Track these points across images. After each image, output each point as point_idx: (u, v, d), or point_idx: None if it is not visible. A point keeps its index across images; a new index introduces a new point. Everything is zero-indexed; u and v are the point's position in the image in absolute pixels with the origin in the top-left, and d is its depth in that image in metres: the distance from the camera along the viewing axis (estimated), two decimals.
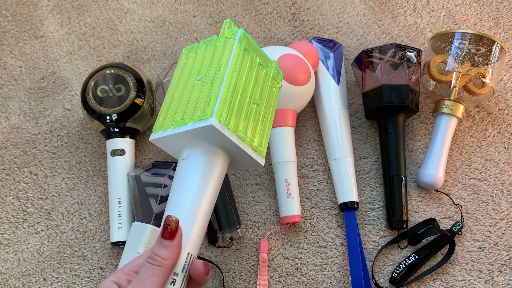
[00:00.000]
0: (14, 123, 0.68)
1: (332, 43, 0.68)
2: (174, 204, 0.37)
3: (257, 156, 0.40)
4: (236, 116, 0.38)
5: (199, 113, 0.37)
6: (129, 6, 0.74)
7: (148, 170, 0.59)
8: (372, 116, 0.64)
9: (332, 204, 0.62)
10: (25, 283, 0.60)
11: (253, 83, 0.40)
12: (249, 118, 0.39)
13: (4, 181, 0.65)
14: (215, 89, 0.37)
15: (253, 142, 0.40)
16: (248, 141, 0.39)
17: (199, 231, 0.37)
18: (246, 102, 0.39)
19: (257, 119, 0.40)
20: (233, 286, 0.59)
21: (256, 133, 0.40)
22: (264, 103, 0.41)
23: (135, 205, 0.59)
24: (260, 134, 0.40)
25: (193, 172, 0.38)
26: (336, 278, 0.58)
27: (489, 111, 0.66)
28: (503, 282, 0.57)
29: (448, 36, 0.62)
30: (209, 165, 0.38)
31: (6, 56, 0.72)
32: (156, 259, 0.34)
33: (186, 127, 0.37)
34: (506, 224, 0.60)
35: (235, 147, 0.38)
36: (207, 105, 0.37)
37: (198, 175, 0.38)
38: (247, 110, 0.39)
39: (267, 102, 0.42)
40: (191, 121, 0.37)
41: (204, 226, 0.37)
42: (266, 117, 0.41)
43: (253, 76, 0.41)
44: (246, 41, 0.41)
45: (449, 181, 0.62)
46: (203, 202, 0.37)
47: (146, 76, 0.65)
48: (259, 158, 0.40)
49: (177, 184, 0.38)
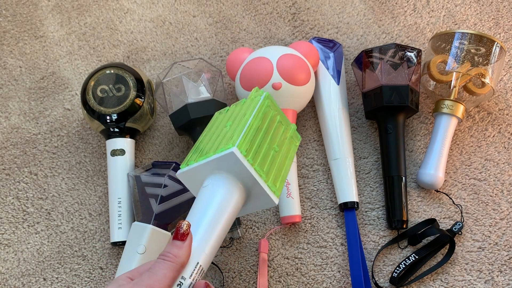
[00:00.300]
0: (14, 123, 0.68)
1: (332, 43, 0.68)
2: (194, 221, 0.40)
3: (272, 193, 0.42)
4: (255, 152, 0.41)
5: (222, 146, 0.41)
6: (129, 6, 0.74)
7: (148, 170, 0.59)
8: (372, 116, 0.64)
9: (332, 204, 0.62)
10: (25, 283, 0.60)
11: (273, 132, 0.45)
12: (267, 159, 0.43)
13: (4, 181, 0.65)
14: (238, 129, 0.42)
15: (269, 180, 0.42)
16: (264, 178, 0.42)
17: (212, 246, 0.39)
18: (266, 145, 0.43)
19: (275, 162, 0.44)
20: (233, 286, 0.59)
21: (272, 173, 0.43)
22: (282, 151, 0.45)
23: (135, 205, 0.59)
24: (276, 176, 0.43)
25: (212, 197, 0.41)
26: (336, 278, 0.58)
27: (489, 111, 0.66)
28: (503, 282, 0.57)
29: (448, 36, 0.62)
30: (227, 194, 0.41)
31: (6, 56, 0.72)
32: (168, 255, 0.36)
33: (209, 158, 0.41)
34: (506, 224, 0.60)
35: (252, 180, 0.41)
36: (230, 139, 0.41)
37: (216, 200, 0.40)
38: (266, 152, 0.43)
39: (285, 152, 0.46)
40: (215, 153, 0.40)
41: (216, 247, 0.40)
42: (283, 164, 0.45)
43: (273, 127, 0.45)
44: (269, 100, 0.46)
45: (449, 181, 0.62)
46: (218, 225, 0.40)
47: (146, 76, 0.65)
48: (273, 196, 0.42)
49: (197, 206, 0.41)
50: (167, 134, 0.67)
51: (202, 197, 0.41)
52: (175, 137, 0.66)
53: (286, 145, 0.46)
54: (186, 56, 0.71)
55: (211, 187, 0.41)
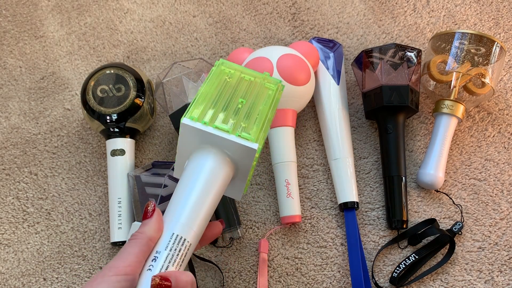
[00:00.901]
0: (14, 123, 0.68)
1: (332, 43, 0.68)
2: (181, 193, 0.40)
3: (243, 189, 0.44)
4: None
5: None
6: (129, 6, 0.74)
7: (148, 170, 0.59)
8: (372, 116, 0.64)
9: (332, 204, 0.62)
10: (25, 283, 0.60)
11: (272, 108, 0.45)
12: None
13: (4, 181, 0.65)
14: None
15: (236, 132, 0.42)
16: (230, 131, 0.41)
17: (193, 216, 0.39)
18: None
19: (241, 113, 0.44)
20: (233, 286, 0.59)
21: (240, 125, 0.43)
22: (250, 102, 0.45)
23: (135, 205, 0.59)
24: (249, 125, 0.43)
25: (204, 167, 0.40)
26: (336, 278, 0.58)
27: (489, 111, 0.66)
28: (503, 282, 0.57)
29: (448, 36, 0.62)
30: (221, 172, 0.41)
31: (6, 56, 0.72)
32: (134, 234, 0.37)
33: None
34: (506, 224, 0.60)
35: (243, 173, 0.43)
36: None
37: (207, 171, 0.40)
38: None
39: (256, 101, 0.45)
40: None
41: (202, 219, 0.39)
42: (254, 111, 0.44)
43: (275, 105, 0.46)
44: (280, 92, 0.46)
45: (449, 181, 0.62)
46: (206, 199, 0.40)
47: (146, 76, 0.65)
48: (248, 142, 0.41)
49: (182, 178, 0.41)
50: (167, 134, 0.67)
51: (187, 170, 0.41)
52: (175, 137, 0.66)
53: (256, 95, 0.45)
54: (186, 56, 0.71)
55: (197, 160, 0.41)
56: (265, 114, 0.43)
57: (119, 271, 0.33)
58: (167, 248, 0.36)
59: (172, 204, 0.39)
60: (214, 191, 0.40)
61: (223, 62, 0.46)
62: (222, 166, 0.41)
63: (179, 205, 0.39)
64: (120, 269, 0.34)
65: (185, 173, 0.41)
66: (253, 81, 0.46)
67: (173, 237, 0.37)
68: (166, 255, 0.36)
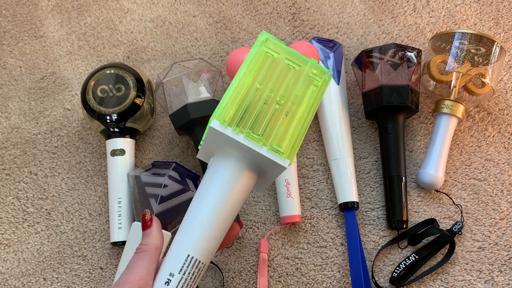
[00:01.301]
0: (14, 123, 0.68)
1: (332, 43, 0.68)
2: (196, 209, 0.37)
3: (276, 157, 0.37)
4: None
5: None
6: (129, 6, 0.74)
7: (148, 170, 0.59)
8: (372, 116, 0.64)
9: (332, 204, 0.62)
10: (25, 283, 0.60)
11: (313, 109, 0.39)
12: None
13: (4, 181, 0.65)
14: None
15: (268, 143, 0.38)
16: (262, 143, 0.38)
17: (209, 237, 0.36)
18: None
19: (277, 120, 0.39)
20: (233, 286, 0.59)
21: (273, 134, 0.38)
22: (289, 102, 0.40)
23: (135, 205, 0.59)
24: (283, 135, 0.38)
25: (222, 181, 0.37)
26: (336, 278, 0.58)
27: (489, 111, 0.66)
28: (503, 282, 0.57)
29: (448, 36, 0.62)
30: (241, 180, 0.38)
31: (6, 56, 0.72)
32: (139, 247, 0.37)
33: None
34: (506, 224, 0.60)
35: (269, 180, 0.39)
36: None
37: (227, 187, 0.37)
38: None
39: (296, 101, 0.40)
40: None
41: (219, 236, 0.37)
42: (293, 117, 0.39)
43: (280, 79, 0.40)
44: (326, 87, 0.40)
45: (449, 181, 0.62)
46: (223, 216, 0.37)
47: (146, 76, 0.65)
48: (280, 158, 0.37)
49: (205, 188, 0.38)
50: (167, 134, 0.67)
51: (206, 179, 0.38)
52: (175, 137, 0.66)
53: (298, 91, 0.39)
54: (186, 56, 0.71)
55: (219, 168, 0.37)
56: (304, 120, 0.38)
57: (133, 285, 0.34)
58: (181, 271, 0.35)
59: (187, 220, 0.37)
60: (232, 205, 0.37)
61: (267, 39, 0.39)
62: (244, 175, 0.37)
63: (194, 224, 0.36)
64: (133, 283, 0.34)
65: (203, 184, 0.38)
66: (298, 70, 0.39)
67: (188, 259, 0.35)
68: (179, 279, 0.35)
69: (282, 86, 0.38)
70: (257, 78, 0.38)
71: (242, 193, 0.38)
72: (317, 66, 0.40)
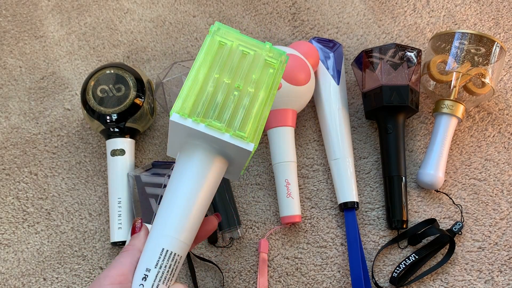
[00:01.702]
0: (14, 123, 0.68)
1: (332, 43, 0.68)
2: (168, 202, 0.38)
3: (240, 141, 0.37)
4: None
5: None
6: (129, 6, 0.74)
7: (148, 170, 0.59)
8: (372, 116, 0.64)
9: (332, 204, 0.62)
10: (25, 283, 0.60)
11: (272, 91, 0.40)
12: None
13: (4, 181, 0.65)
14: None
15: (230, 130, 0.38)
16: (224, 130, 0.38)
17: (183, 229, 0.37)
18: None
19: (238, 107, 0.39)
20: (233, 286, 0.59)
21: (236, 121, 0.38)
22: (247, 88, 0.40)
23: (135, 205, 0.59)
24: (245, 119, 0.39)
25: (192, 173, 0.38)
26: (336, 278, 0.58)
27: (489, 111, 0.66)
28: (503, 282, 0.57)
29: (448, 36, 0.62)
30: (210, 169, 0.38)
31: (6, 56, 0.72)
32: (124, 247, 0.39)
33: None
34: (506, 224, 0.60)
35: (239, 166, 0.39)
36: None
37: (196, 177, 0.38)
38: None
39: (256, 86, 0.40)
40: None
41: (193, 228, 0.38)
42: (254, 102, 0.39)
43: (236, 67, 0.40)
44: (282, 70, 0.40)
45: (449, 181, 0.62)
46: (195, 206, 0.37)
47: (146, 76, 0.65)
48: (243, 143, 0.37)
49: (175, 181, 0.38)
50: (167, 134, 0.67)
51: (175, 173, 0.38)
52: None
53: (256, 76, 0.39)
54: (186, 56, 0.71)
55: (186, 160, 0.38)
56: (264, 103, 0.38)
57: (114, 280, 0.36)
58: (156, 265, 0.36)
59: (159, 215, 0.37)
60: (203, 195, 0.38)
61: (219, 29, 0.40)
62: (213, 165, 0.38)
63: (167, 217, 0.37)
64: (114, 278, 0.36)
65: (172, 177, 0.38)
66: (253, 56, 0.40)
67: (162, 253, 0.36)
68: (156, 273, 0.36)
69: (239, 72, 0.39)
70: (214, 67, 0.38)
71: (212, 182, 0.38)
72: (272, 49, 0.40)
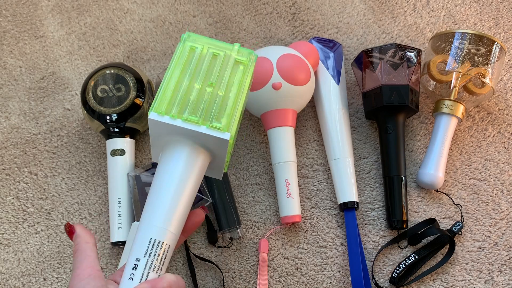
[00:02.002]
0: (14, 123, 0.68)
1: (332, 43, 0.68)
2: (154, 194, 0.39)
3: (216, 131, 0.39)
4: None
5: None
6: (129, 6, 0.74)
7: (148, 170, 0.59)
8: (372, 116, 0.64)
9: (332, 204, 0.62)
10: (25, 283, 0.60)
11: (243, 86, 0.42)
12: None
13: (4, 181, 0.65)
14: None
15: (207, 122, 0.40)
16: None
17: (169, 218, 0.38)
18: (240, 112, 0.41)
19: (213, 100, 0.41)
20: (233, 286, 0.59)
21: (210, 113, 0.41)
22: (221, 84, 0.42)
23: (135, 205, 0.59)
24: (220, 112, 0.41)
25: (176, 165, 0.39)
26: (336, 278, 0.58)
27: (489, 111, 0.66)
28: (503, 282, 0.57)
29: (448, 36, 0.62)
30: (196, 162, 0.40)
31: (6, 56, 0.72)
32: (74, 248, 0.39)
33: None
34: (506, 224, 0.60)
35: (220, 159, 0.41)
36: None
37: (181, 169, 0.39)
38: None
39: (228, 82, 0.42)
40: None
41: (180, 216, 0.39)
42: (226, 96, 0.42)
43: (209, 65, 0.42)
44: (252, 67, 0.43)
45: (449, 181, 0.62)
46: (180, 197, 0.39)
47: (146, 76, 0.65)
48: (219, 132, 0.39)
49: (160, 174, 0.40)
50: None
51: (159, 167, 0.40)
52: None
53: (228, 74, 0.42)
54: None
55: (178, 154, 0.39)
56: (236, 96, 0.40)
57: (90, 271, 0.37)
58: (145, 255, 0.37)
59: (146, 207, 0.39)
60: (188, 186, 0.39)
61: (189, 36, 0.42)
62: (195, 158, 0.40)
63: (153, 208, 0.38)
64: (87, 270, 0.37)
65: (157, 172, 0.40)
66: (223, 56, 0.42)
67: (150, 242, 0.37)
68: (145, 262, 0.36)
69: (211, 71, 0.41)
70: (186, 69, 0.41)
71: (195, 173, 0.40)
72: (240, 49, 0.43)
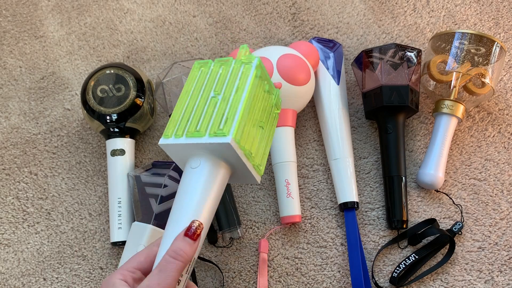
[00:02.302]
0: (14, 123, 0.68)
1: (332, 43, 0.68)
2: (179, 209, 0.39)
3: (256, 174, 0.42)
4: (246, 137, 0.40)
5: (216, 129, 0.39)
6: (129, 6, 0.74)
7: (148, 170, 0.59)
8: (372, 116, 0.64)
9: (332, 204, 0.62)
10: (25, 283, 0.60)
11: (262, 108, 0.43)
12: (255, 139, 0.42)
13: (4, 181, 0.65)
14: (232, 110, 0.40)
15: (256, 160, 0.42)
16: (252, 160, 0.41)
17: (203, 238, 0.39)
18: (255, 125, 0.42)
19: (261, 140, 0.43)
20: (233, 286, 0.59)
21: (258, 152, 0.42)
22: (267, 126, 0.44)
23: (135, 205, 0.59)
24: (261, 153, 0.43)
25: (199, 180, 0.40)
26: (336, 278, 0.58)
27: (489, 111, 0.66)
28: (503, 282, 0.57)
29: (448, 36, 0.62)
30: (214, 176, 0.40)
31: (6, 56, 0.72)
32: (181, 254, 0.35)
33: (201, 139, 0.39)
34: (506, 224, 0.60)
35: (240, 163, 0.40)
36: (225, 123, 0.39)
37: (203, 184, 0.39)
38: (255, 132, 0.42)
39: (269, 126, 0.44)
40: (207, 135, 0.39)
41: (205, 233, 0.39)
42: (267, 138, 0.44)
43: (262, 102, 0.43)
44: (261, 69, 0.43)
45: (449, 181, 0.62)
46: (205, 210, 0.39)
47: (146, 76, 0.65)
48: (257, 176, 0.42)
49: (183, 191, 0.40)
50: None
51: (191, 180, 0.40)
52: None
53: (270, 117, 0.44)
54: (186, 56, 0.71)
55: (201, 169, 0.40)
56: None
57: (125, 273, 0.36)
58: (187, 271, 0.38)
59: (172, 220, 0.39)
60: (209, 201, 0.39)
61: (260, 65, 0.43)
62: (213, 172, 0.40)
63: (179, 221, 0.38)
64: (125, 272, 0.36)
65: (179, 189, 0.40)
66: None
67: (193, 260, 0.38)
68: (185, 278, 0.38)
69: (265, 110, 0.43)
70: (255, 102, 0.42)
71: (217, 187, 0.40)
72: (279, 96, 0.45)
